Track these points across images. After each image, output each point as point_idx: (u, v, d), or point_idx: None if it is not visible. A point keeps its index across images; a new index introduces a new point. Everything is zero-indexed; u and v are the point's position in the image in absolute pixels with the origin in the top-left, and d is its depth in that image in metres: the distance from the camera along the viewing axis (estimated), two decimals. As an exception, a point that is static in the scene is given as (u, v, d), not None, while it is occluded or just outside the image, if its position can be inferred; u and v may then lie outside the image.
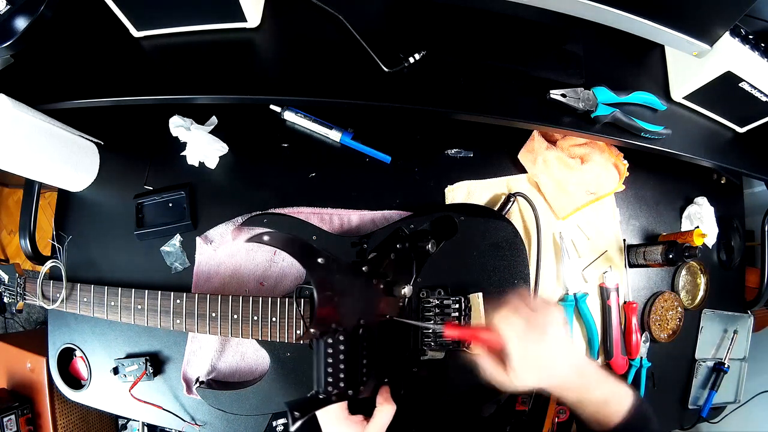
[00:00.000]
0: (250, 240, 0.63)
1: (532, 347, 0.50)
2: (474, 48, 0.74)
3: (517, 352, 0.50)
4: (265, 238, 0.63)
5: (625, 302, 0.85)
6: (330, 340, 0.61)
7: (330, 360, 0.61)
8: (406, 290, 0.67)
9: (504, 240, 0.73)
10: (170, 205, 0.77)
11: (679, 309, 0.88)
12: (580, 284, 0.83)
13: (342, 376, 0.62)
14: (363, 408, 0.63)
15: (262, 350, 0.74)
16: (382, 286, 0.68)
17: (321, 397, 0.60)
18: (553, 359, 0.51)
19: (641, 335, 0.84)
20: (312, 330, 0.61)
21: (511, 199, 0.80)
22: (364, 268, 0.67)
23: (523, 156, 0.84)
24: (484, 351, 0.54)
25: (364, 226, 0.78)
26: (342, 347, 0.62)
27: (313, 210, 0.78)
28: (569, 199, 0.82)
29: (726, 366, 0.91)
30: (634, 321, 0.84)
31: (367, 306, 0.66)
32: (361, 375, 0.64)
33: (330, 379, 0.61)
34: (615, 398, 0.53)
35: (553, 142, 0.83)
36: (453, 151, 0.83)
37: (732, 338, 0.94)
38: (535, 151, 0.81)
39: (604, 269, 0.85)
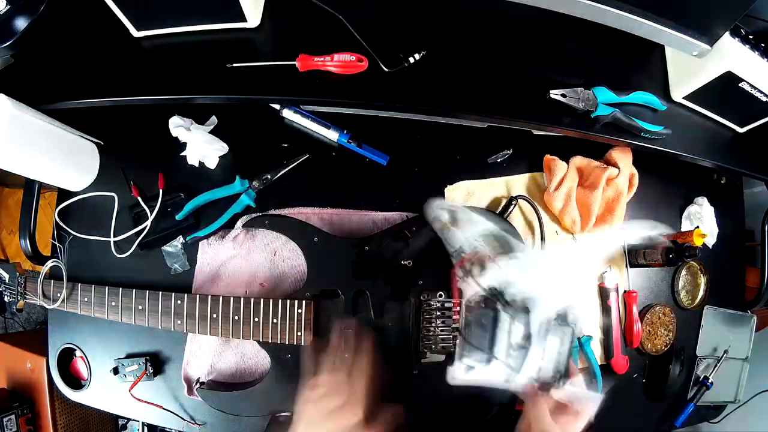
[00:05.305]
0: None
1: None
2: (474, 48, 0.74)
3: None
4: None
5: (624, 291, 0.85)
6: None
7: None
8: None
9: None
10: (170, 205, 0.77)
11: (670, 333, 0.87)
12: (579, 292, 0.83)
13: None
14: None
15: (262, 351, 0.74)
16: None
17: None
18: None
19: (642, 324, 0.84)
20: None
21: (513, 203, 0.80)
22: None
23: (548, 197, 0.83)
24: None
25: (365, 228, 0.78)
26: None
27: (313, 211, 0.78)
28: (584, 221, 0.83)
29: (710, 382, 0.89)
30: (635, 310, 0.83)
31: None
32: None
33: None
34: None
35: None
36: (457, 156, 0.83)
37: (733, 338, 0.93)
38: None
39: (604, 269, 0.85)
